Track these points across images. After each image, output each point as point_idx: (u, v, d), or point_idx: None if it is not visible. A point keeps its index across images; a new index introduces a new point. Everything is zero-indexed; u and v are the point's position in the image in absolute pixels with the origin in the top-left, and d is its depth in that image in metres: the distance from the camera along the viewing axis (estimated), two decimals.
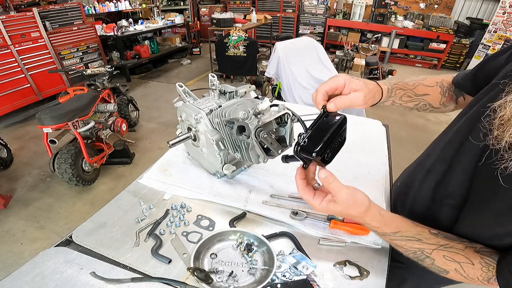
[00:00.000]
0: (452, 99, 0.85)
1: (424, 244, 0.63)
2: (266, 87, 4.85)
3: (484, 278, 0.59)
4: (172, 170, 1.05)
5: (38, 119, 2.27)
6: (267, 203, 0.91)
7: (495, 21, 6.00)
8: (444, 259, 0.62)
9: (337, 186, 0.59)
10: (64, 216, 2.46)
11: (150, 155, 3.32)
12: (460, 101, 0.85)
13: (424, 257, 0.63)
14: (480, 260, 0.60)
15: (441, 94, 0.83)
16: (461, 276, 0.61)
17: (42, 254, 0.72)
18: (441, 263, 0.62)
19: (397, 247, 0.66)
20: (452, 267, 0.61)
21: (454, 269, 0.61)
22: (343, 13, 7.51)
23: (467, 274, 0.60)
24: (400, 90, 0.78)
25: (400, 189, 0.93)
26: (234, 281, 0.67)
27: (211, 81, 0.99)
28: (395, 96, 0.77)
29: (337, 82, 0.64)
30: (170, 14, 7.13)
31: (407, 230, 0.64)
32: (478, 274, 0.59)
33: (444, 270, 0.63)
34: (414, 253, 0.64)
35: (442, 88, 0.83)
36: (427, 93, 0.81)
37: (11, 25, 3.74)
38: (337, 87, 0.64)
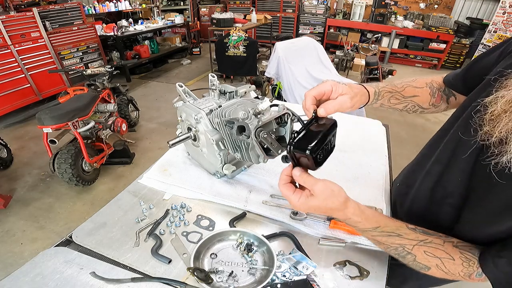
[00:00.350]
0: (442, 99, 0.85)
1: (405, 240, 0.63)
2: (266, 87, 4.85)
3: (466, 274, 0.60)
4: (172, 170, 1.05)
5: (38, 119, 2.27)
6: (267, 203, 0.91)
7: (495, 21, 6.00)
8: (425, 255, 0.62)
9: (312, 180, 0.60)
10: (64, 216, 2.46)
11: (150, 155, 3.32)
12: (452, 101, 0.85)
13: (405, 253, 0.63)
14: (460, 255, 0.61)
15: (430, 95, 0.84)
16: (443, 272, 0.61)
17: (42, 254, 0.72)
18: (423, 259, 0.62)
19: (379, 244, 0.66)
20: (434, 263, 0.61)
21: (436, 265, 0.61)
22: (343, 13, 7.51)
23: (448, 270, 0.60)
24: (388, 93, 0.79)
25: (400, 190, 0.93)
26: (234, 281, 0.67)
27: (211, 81, 0.99)
28: (383, 99, 0.79)
29: (324, 87, 0.66)
30: (170, 14, 7.13)
31: (386, 225, 0.64)
32: (459, 270, 0.60)
33: (426, 266, 0.62)
34: (396, 249, 0.64)
35: (432, 89, 0.84)
36: (415, 95, 0.82)
37: (11, 25, 3.74)
38: (324, 92, 0.66)
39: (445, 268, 0.61)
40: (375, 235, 0.64)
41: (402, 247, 0.63)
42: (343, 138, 1.31)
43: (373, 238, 0.66)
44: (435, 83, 0.85)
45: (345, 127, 1.42)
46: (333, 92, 0.66)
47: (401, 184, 0.94)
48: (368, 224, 0.64)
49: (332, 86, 0.65)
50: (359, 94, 0.70)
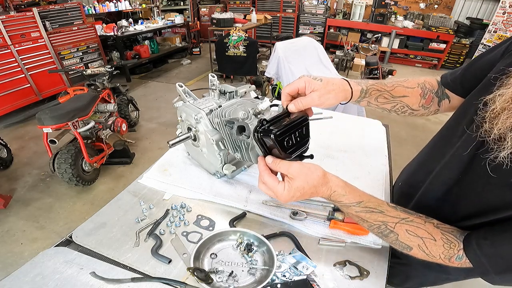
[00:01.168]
0: (433, 101, 0.82)
1: (387, 217, 0.63)
2: (266, 87, 4.85)
3: (446, 256, 0.60)
4: (172, 170, 1.05)
5: (38, 119, 2.27)
6: (267, 203, 0.91)
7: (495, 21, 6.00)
8: (408, 234, 0.62)
9: (286, 163, 0.62)
10: (64, 216, 2.46)
11: (150, 155, 3.32)
12: (444, 104, 0.83)
13: (388, 231, 0.63)
14: (441, 236, 0.61)
15: (420, 95, 0.81)
16: (424, 254, 0.61)
17: (42, 254, 0.72)
18: (405, 239, 0.62)
19: (363, 222, 0.66)
20: (416, 243, 0.62)
21: (417, 245, 0.61)
22: (343, 13, 7.51)
23: (429, 251, 0.61)
24: (376, 91, 0.77)
25: (403, 190, 0.93)
26: (234, 281, 0.67)
27: (211, 81, 0.99)
28: (370, 97, 0.77)
29: (298, 84, 0.68)
30: (170, 14, 7.13)
31: (369, 200, 0.65)
32: (440, 252, 0.60)
33: (408, 246, 0.63)
34: (379, 227, 0.64)
35: (424, 90, 0.81)
36: (405, 95, 0.80)
37: (11, 25, 3.74)
38: (298, 88, 0.68)
39: (427, 249, 0.61)
40: (359, 211, 0.64)
41: (384, 224, 0.63)
42: (343, 138, 1.32)
43: (357, 215, 0.65)
44: (427, 83, 0.83)
45: (345, 127, 1.42)
46: (306, 89, 0.67)
47: (405, 184, 0.94)
48: (353, 197, 0.64)
49: (306, 82, 0.67)
50: (335, 91, 0.69)
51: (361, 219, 0.65)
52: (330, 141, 1.25)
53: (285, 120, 0.65)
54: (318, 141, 1.24)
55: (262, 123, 0.63)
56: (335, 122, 1.43)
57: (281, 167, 0.62)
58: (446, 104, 0.82)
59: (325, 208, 0.88)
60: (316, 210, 0.87)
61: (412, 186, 0.84)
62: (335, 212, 0.85)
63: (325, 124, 1.41)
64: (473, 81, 0.70)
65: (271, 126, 0.62)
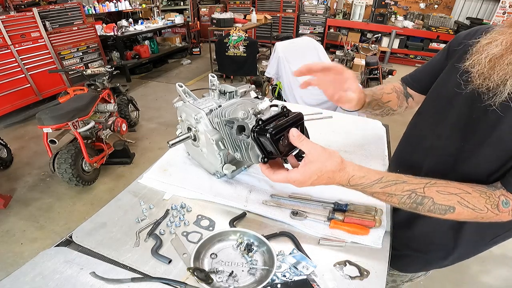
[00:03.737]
0: (404, 100, 0.98)
1: (412, 185, 0.63)
2: (266, 87, 4.85)
3: (492, 205, 0.58)
4: (172, 170, 1.05)
5: (38, 119, 2.27)
6: (267, 203, 0.91)
7: (495, 21, 5.99)
8: (441, 194, 0.60)
9: (309, 143, 0.63)
10: (64, 216, 2.46)
11: (150, 155, 3.32)
12: (410, 102, 0.97)
13: (421, 198, 0.62)
14: (472, 188, 0.60)
15: (397, 98, 0.97)
16: (470, 210, 0.58)
17: (42, 254, 0.72)
18: (441, 199, 0.60)
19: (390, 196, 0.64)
20: (454, 200, 0.59)
21: (457, 202, 0.59)
22: (343, 13, 7.51)
23: (474, 205, 0.58)
24: (374, 101, 0.93)
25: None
26: (234, 281, 0.67)
27: (211, 81, 0.99)
28: (368, 106, 0.92)
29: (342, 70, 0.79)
30: (170, 14, 7.13)
31: (388, 175, 0.65)
32: (483, 202, 0.58)
33: (449, 206, 0.60)
34: (409, 196, 0.62)
35: (397, 93, 0.97)
36: (389, 100, 0.96)
37: (11, 25, 3.74)
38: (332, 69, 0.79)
39: (469, 203, 0.58)
40: (383, 186, 0.63)
41: (414, 192, 0.62)
42: (343, 138, 1.32)
43: (383, 191, 0.64)
44: (396, 87, 0.98)
45: (345, 127, 1.42)
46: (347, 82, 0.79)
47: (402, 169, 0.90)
48: (373, 176, 0.64)
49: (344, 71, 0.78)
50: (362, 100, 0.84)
51: (388, 194, 0.64)
52: (330, 141, 1.25)
53: (282, 120, 0.66)
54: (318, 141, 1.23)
55: (258, 122, 0.64)
56: (335, 122, 1.43)
57: (304, 144, 0.63)
58: (411, 101, 0.97)
59: (325, 208, 0.88)
60: (316, 210, 0.87)
61: (412, 167, 0.84)
62: (335, 212, 0.85)
63: (325, 124, 1.41)
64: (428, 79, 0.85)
65: (267, 126, 0.63)
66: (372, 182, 0.64)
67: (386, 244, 0.78)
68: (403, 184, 0.63)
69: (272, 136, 0.61)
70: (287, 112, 0.70)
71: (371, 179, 0.64)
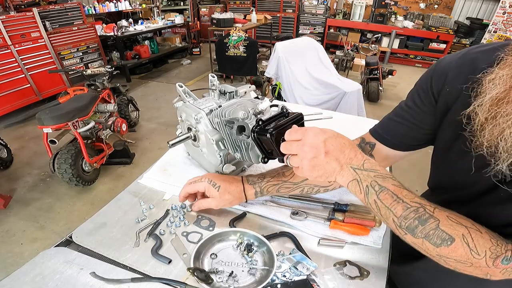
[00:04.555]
0: None
1: (423, 200, 0.53)
2: (266, 87, 4.85)
3: (492, 255, 0.48)
4: (172, 170, 1.05)
5: (38, 119, 2.27)
6: (267, 203, 0.91)
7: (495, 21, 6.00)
8: (450, 220, 0.50)
9: None
10: (64, 216, 2.46)
11: (150, 155, 3.32)
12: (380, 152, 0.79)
13: (427, 216, 0.51)
14: (486, 230, 0.50)
15: None
16: (466, 249, 0.49)
17: (42, 254, 0.72)
18: (447, 226, 0.50)
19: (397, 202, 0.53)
20: (460, 232, 0.49)
21: (462, 235, 0.49)
22: (343, 13, 7.51)
23: (475, 245, 0.48)
24: (273, 186, 0.81)
25: None
26: (234, 281, 0.67)
27: (211, 81, 0.99)
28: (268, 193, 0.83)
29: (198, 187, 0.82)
30: (170, 14, 7.14)
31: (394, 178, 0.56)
32: (488, 247, 0.48)
33: (450, 237, 0.49)
34: (416, 210, 0.52)
35: None
36: None
37: (11, 25, 3.74)
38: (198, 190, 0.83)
39: (472, 242, 0.48)
40: (396, 184, 0.55)
41: (423, 207, 0.52)
42: None
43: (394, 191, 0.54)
44: None
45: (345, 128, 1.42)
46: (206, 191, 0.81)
47: None
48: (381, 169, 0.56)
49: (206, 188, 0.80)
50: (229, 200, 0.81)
51: (397, 197, 0.54)
52: None
53: (282, 120, 0.66)
54: None
55: (258, 122, 0.64)
56: (335, 122, 1.43)
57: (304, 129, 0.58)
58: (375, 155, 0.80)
59: (325, 208, 0.88)
60: (316, 210, 0.87)
61: None
62: (335, 212, 0.85)
63: (325, 124, 1.40)
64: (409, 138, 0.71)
65: (267, 126, 0.63)
66: (386, 174, 0.55)
67: (386, 244, 0.78)
68: (413, 195, 0.54)
69: (272, 136, 0.61)
70: (287, 112, 0.70)
71: (386, 172, 0.56)
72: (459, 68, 0.58)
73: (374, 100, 4.86)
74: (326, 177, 0.57)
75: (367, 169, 0.56)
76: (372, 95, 4.82)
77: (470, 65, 0.56)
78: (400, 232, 0.55)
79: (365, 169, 0.56)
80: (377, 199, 0.55)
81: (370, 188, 0.55)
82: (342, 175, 0.57)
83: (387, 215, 0.55)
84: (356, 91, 3.38)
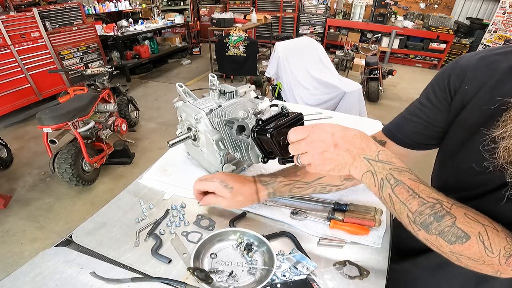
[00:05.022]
0: None
1: (440, 195, 0.51)
2: (266, 87, 4.85)
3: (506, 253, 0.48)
4: (172, 170, 1.05)
5: (38, 119, 2.27)
6: (267, 203, 0.91)
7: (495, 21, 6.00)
8: (467, 217, 0.49)
9: None
10: (64, 216, 2.46)
11: (150, 155, 3.32)
12: None
13: (444, 213, 0.49)
14: (502, 228, 0.50)
15: None
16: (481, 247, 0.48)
17: (42, 254, 0.72)
18: (464, 224, 0.49)
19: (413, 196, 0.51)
20: (476, 230, 0.48)
21: (478, 233, 0.48)
22: (343, 13, 7.51)
23: (490, 243, 0.47)
24: (287, 186, 0.80)
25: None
26: (234, 281, 0.67)
27: (211, 81, 0.99)
28: (281, 193, 0.82)
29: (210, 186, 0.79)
30: (170, 14, 7.14)
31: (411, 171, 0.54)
32: (503, 246, 0.48)
33: (465, 234, 0.48)
34: (433, 206, 0.50)
35: None
36: (320, 176, 0.79)
37: (11, 25, 3.74)
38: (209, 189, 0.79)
39: (487, 240, 0.47)
40: (413, 179, 0.52)
41: (440, 203, 0.50)
42: None
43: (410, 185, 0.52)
44: None
45: None
46: (216, 191, 0.78)
47: None
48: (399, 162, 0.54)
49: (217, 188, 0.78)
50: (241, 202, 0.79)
51: (413, 192, 0.51)
52: None
53: (282, 120, 0.66)
54: None
55: (258, 122, 0.64)
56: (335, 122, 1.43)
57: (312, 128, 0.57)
58: None
59: (325, 208, 0.88)
60: (316, 210, 0.87)
61: None
62: (335, 212, 0.85)
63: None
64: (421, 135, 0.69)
65: (267, 126, 0.63)
66: (402, 167, 0.53)
67: (386, 243, 0.78)
68: (431, 189, 0.52)
69: (272, 136, 0.61)
70: (287, 112, 0.70)
71: (403, 165, 0.53)
72: (479, 68, 0.58)
73: (374, 100, 4.86)
74: (339, 171, 0.56)
75: (382, 160, 0.53)
76: (372, 95, 4.83)
77: (490, 66, 0.56)
78: (413, 227, 0.53)
79: (380, 160, 0.53)
80: (392, 193, 0.53)
81: (385, 181, 0.53)
82: (355, 167, 0.55)
83: (401, 210, 0.53)
84: (356, 91, 3.38)
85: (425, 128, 0.69)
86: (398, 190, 0.52)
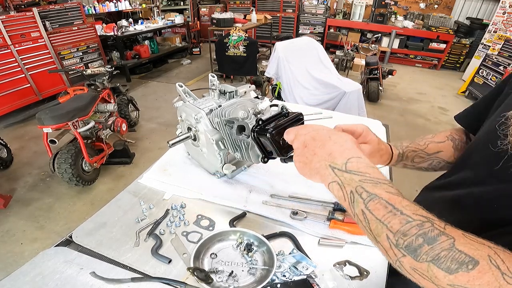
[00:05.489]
0: None
1: (430, 214, 0.41)
2: (266, 87, 4.85)
3: None
4: (172, 170, 1.05)
5: (38, 119, 2.27)
6: (267, 203, 0.91)
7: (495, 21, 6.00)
8: (467, 238, 0.38)
9: None
10: (64, 216, 2.46)
11: (150, 155, 3.32)
12: None
13: (436, 233, 0.38)
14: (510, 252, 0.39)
15: (453, 148, 0.77)
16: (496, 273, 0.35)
17: (42, 254, 0.72)
18: (466, 246, 0.37)
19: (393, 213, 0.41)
20: (484, 252, 0.36)
21: (488, 255, 0.36)
22: (343, 13, 7.51)
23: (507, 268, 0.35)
24: (412, 152, 0.76)
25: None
26: (234, 281, 0.67)
27: (211, 81, 0.99)
28: (406, 159, 0.76)
29: (356, 127, 0.67)
30: (170, 14, 7.13)
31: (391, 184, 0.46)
32: None
33: (471, 258, 0.36)
34: (421, 225, 0.39)
35: (454, 142, 0.78)
36: (439, 150, 0.77)
37: (11, 25, 3.74)
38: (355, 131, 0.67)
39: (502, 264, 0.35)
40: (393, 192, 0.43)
41: (430, 221, 0.39)
42: None
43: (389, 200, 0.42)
44: (455, 134, 0.79)
45: None
46: (361, 137, 0.67)
47: None
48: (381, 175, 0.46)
49: (364, 130, 0.67)
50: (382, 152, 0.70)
51: (393, 207, 0.42)
52: None
53: (282, 120, 0.66)
54: None
55: (258, 122, 0.65)
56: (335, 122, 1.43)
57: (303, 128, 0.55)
58: None
59: (325, 208, 0.88)
60: (316, 210, 0.87)
61: None
62: (335, 212, 0.85)
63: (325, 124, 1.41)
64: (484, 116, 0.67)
65: (267, 126, 0.63)
66: (378, 178, 0.44)
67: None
68: (417, 206, 0.42)
69: (272, 136, 0.61)
70: (287, 112, 0.70)
71: (380, 176, 0.45)
72: None
73: (374, 100, 4.86)
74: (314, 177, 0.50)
75: (351, 170, 0.45)
76: (372, 95, 4.82)
77: None
78: (395, 253, 0.42)
79: (348, 170, 0.45)
80: (365, 209, 0.44)
81: (356, 195, 0.44)
82: (321, 175, 0.48)
83: (378, 231, 0.43)
84: (356, 91, 3.38)
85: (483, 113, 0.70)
86: (373, 206, 0.43)
